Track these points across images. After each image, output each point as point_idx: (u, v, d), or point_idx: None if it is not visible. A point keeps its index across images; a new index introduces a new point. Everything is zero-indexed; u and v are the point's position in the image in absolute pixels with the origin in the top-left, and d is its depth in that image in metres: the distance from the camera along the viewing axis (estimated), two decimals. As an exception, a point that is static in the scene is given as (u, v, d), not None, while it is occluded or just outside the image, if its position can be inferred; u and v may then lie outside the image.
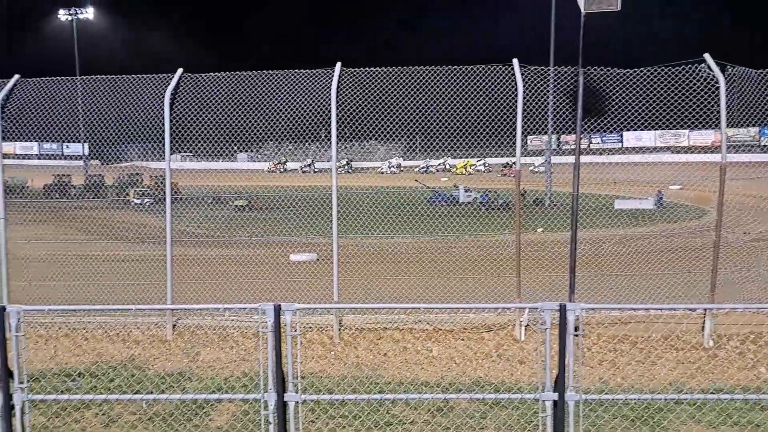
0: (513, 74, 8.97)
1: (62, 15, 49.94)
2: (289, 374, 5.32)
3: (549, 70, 9.34)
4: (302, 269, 11.38)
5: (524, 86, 8.86)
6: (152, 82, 9.86)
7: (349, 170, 17.24)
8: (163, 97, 9.47)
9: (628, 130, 9.58)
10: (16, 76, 10.08)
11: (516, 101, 8.82)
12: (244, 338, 8.70)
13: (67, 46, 48.55)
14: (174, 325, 9.13)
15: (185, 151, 11.90)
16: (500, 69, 9.18)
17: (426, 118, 9.99)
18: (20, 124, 10.67)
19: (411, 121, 9.93)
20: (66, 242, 13.31)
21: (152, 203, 13.74)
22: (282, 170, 17.47)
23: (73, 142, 15.19)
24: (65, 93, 11.06)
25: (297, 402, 5.32)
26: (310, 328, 8.85)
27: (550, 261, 11.32)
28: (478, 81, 9.38)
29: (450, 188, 13.79)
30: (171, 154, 9.49)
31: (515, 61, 9.06)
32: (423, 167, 19.15)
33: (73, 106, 11.32)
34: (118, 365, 7.89)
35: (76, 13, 49.11)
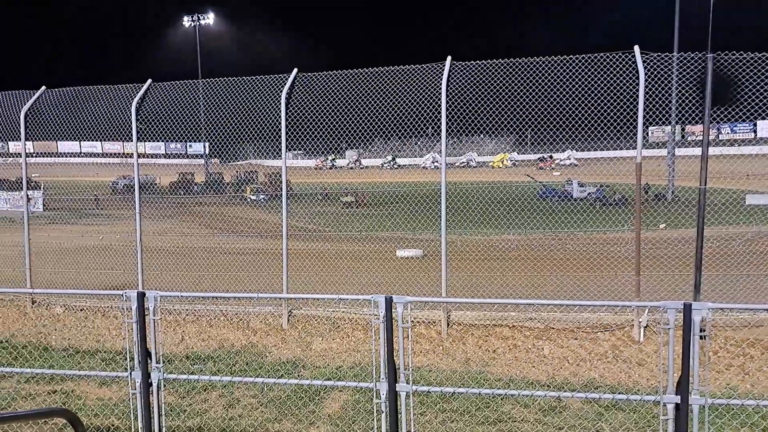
0: (632, 62, 8.55)
1: (186, 21, 53.66)
2: (400, 365, 5.40)
3: (673, 56, 8.76)
4: (409, 265, 11.48)
5: (646, 74, 8.40)
6: (268, 83, 10.33)
7: (395, 166, 17.21)
8: (279, 97, 9.91)
9: (763, 119, 8.77)
10: (149, 81, 10.97)
11: (637, 90, 8.40)
12: (355, 329, 8.93)
13: (191, 50, 52.06)
14: (289, 315, 9.55)
15: (297, 149, 12.35)
16: (618, 57, 8.77)
17: (538, 110, 9.73)
18: (151, 125, 11.58)
19: (522, 114, 9.72)
20: (189, 235, 14.27)
21: (266, 199, 14.38)
22: (330, 166, 17.57)
23: (196, 141, 16.27)
24: (189, 95, 11.86)
25: (408, 393, 5.40)
26: (418, 322, 8.91)
27: (672, 259, 10.64)
28: (594, 70, 9.00)
29: (562, 183, 13.32)
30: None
31: (636, 48, 8.62)
32: (463, 162, 18.67)
33: (195, 107, 12.12)
34: (239, 351, 8.37)
35: (198, 19, 52.57)
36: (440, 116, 9.38)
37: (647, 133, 10.34)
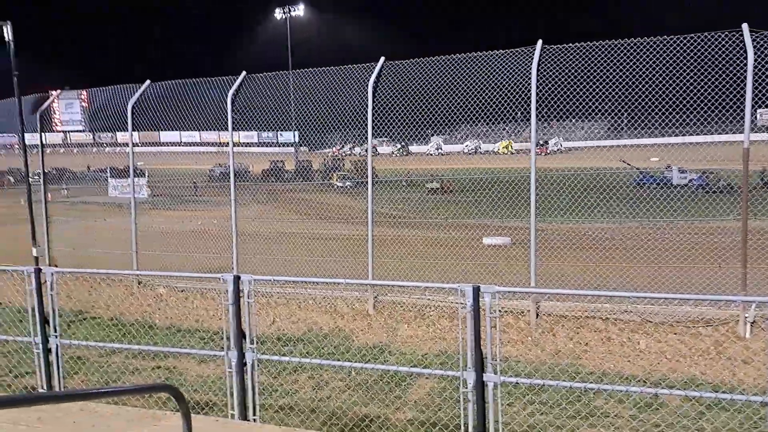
0: (740, 41, 7.96)
1: (277, 13, 55.47)
2: (487, 355, 5.35)
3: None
4: (495, 253, 11.30)
5: (755, 54, 7.78)
6: (356, 72, 10.44)
7: (404, 154, 16.83)
8: (366, 85, 10.00)
9: None
10: (243, 73, 11.39)
11: (744, 71, 7.80)
12: (441, 317, 8.92)
13: (282, 42, 53.73)
14: (375, 301, 9.69)
15: (382, 136, 12.41)
16: (724, 37, 8.16)
17: (634, 93, 9.25)
18: (245, 115, 12.04)
19: (618, 97, 9.27)
20: (280, 221, 14.74)
21: (353, 186, 14.58)
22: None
23: (286, 130, 16.73)
24: (280, 86, 12.21)
25: (496, 383, 5.33)
26: (506, 312, 8.77)
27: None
28: (696, 50, 8.43)
29: (661, 169, 12.60)
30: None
31: (745, 26, 8.00)
32: (472, 148, 18.07)
33: (286, 97, 12.47)
34: (327, 335, 8.59)
35: (289, 11, 54.21)
36: (529, 101, 9.16)
37: (755, 116, 9.54)
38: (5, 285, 9.33)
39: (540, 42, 9.21)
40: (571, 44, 9.29)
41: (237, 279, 5.92)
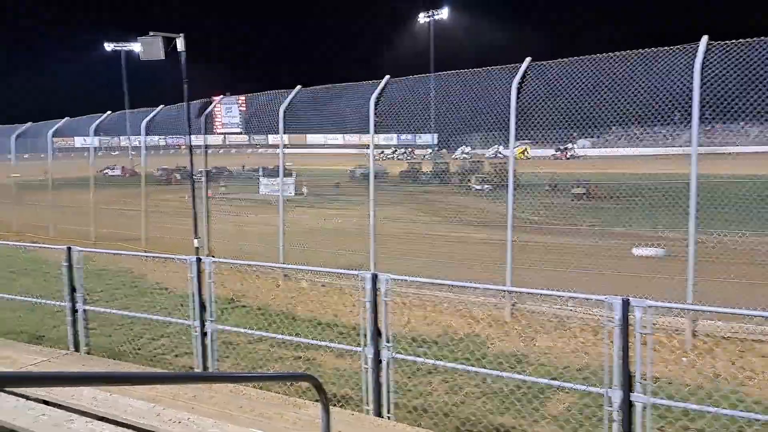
0: None
1: (421, 18, 56.49)
2: (636, 374, 4.97)
3: None
4: (647, 265, 10.49)
5: None
6: (499, 74, 10.24)
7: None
8: (509, 86, 9.76)
9: None
10: (387, 77, 11.64)
11: None
12: (583, 330, 8.45)
13: (425, 45, 54.61)
14: (512, 308, 9.42)
15: (524, 139, 12.07)
16: None
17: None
18: (386, 118, 12.30)
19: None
20: (416, 222, 14.87)
21: (491, 189, 14.32)
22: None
23: (425, 133, 16.86)
24: (421, 89, 12.33)
25: (645, 404, 4.94)
26: (658, 329, 8.10)
27: None
28: None
29: None
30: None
31: None
32: (492, 153, 16.69)
33: (426, 100, 12.55)
34: (462, 339, 8.47)
35: (433, 15, 55.00)
36: (691, 102, 8.44)
37: None
38: (171, 272, 10.30)
39: (705, 38, 8.43)
40: (741, 40, 8.41)
41: (375, 277, 6.03)
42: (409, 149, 22.64)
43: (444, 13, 55.72)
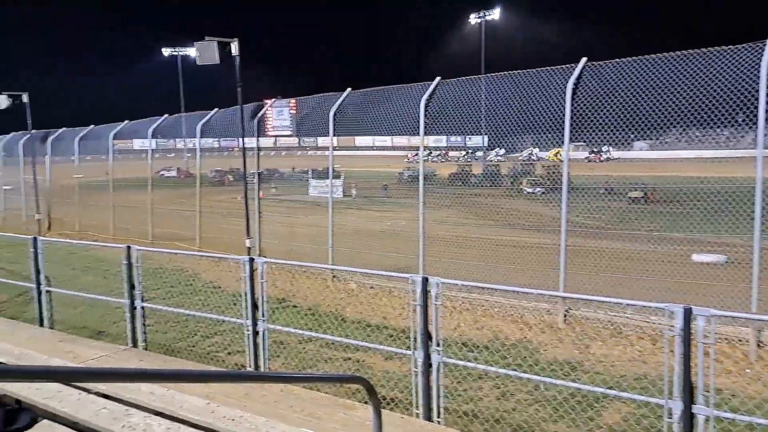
0: None
1: (472, 19, 56.04)
2: (698, 385, 4.77)
3: None
4: (707, 272, 10.08)
5: None
6: (554, 74, 10.04)
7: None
8: (563, 87, 9.56)
9: None
10: (438, 78, 11.59)
11: None
12: (640, 338, 8.18)
13: (477, 46, 54.14)
14: (565, 314, 9.20)
15: (578, 141, 11.82)
16: None
17: None
18: (436, 120, 12.23)
19: None
20: (465, 225, 14.72)
21: (543, 192, 14.06)
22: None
23: (475, 134, 16.68)
24: (472, 90, 12.20)
25: (708, 417, 4.73)
26: (720, 339, 7.77)
27: None
28: None
29: None
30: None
31: None
32: (525, 156, 16.04)
33: (477, 102, 12.42)
34: (513, 344, 8.33)
35: (484, 16, 54.48)
36: (757, 102, 8.08)
37: None
38: (224, 271, 10.51)
39: (775, 36, 8.07)
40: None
41: (425, 281, 5.99)
42: (444, 151, 22.38)
43: (496, 14, 55.04)
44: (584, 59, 9.61)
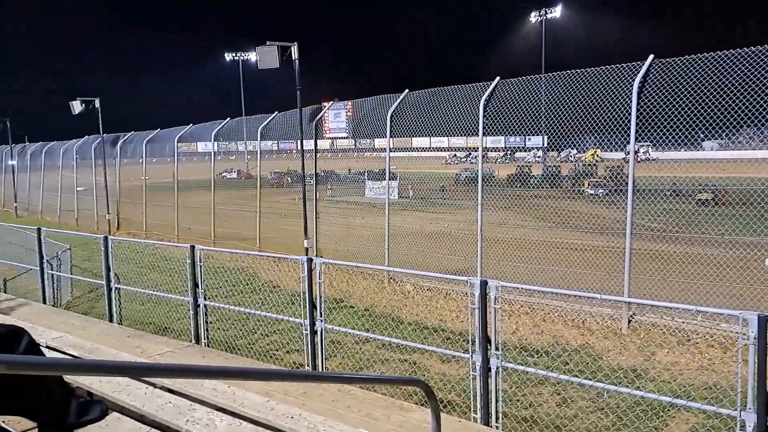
0: None
1: (533, 17, 55.03)
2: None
3: None
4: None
5: None
6: (617, 73, 9.74)
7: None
8: (630, 86, 9.26)
9: None
10: (497, 79, 11.43)
11: None
12: (710, 346, 7.81)
13: (537, 45, 53.13)
14: (629, 320, 8.90)
15: (645, 141, 11.42)
16: None
17: None
18: (494, 120, 12.06)
19: None
20: (524, 228, 14.45)
21: (606, 194, 13.66)
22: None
23: (535, 135, 16.37)
24: (532, 90, 11.96)
25: (786, 432, 4.47)
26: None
27: None
28: None
29: None
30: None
31: None
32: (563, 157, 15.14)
33: (537, 101, 12.16)
34: (574, 350, 8.11)
35: (546, 14, 53.40)
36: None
37: None
38: (283, 271, 10.70)
39: None
40: None
41: (484, 284, 5.90)
42: (503, 151, 22.12)
43: (557, 11, 53.75)
44: (651, 56, 9.28)
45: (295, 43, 13.60)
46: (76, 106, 22.63)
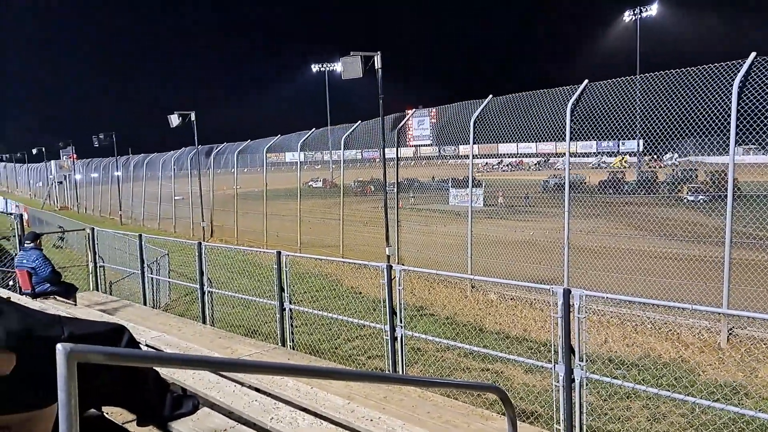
0: None
1: (626, 16, 52.64)
2: None
3: None
4: None
5: None
6: (717, 72, 9.18)
7: None
8: (729, 85, 8.71)
9: None
10: (585, 81, 11.08)
11: None
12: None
13: (632, 45, 50.75)
14: (729, 333, 8.32)
15: (751, 143, 10.66)
16: None
17: None
18: (583, 124, 11.66)
19: None
20: (616, 236, 13.86)
21: (706, 200, 12.87)
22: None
23: (629, 139, 15.68)
24: (624, 92, 11.45)
25: None
26: None
27: None
28: None
29: None
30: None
31: None
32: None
33: (631, 104, 11.63)
34: (667, 363, 7.68)
35: (641, 12, 50.94)
36: None
37: None
38: (365, 278, 10.85)
39: None
40: None
41: (567, 292, 5.72)
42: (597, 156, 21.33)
43: (653, 9, 50.84)
44: (753, 54, 8.67)
45: (378, 52, 13.81)
46: (174, 119, 24.07)
